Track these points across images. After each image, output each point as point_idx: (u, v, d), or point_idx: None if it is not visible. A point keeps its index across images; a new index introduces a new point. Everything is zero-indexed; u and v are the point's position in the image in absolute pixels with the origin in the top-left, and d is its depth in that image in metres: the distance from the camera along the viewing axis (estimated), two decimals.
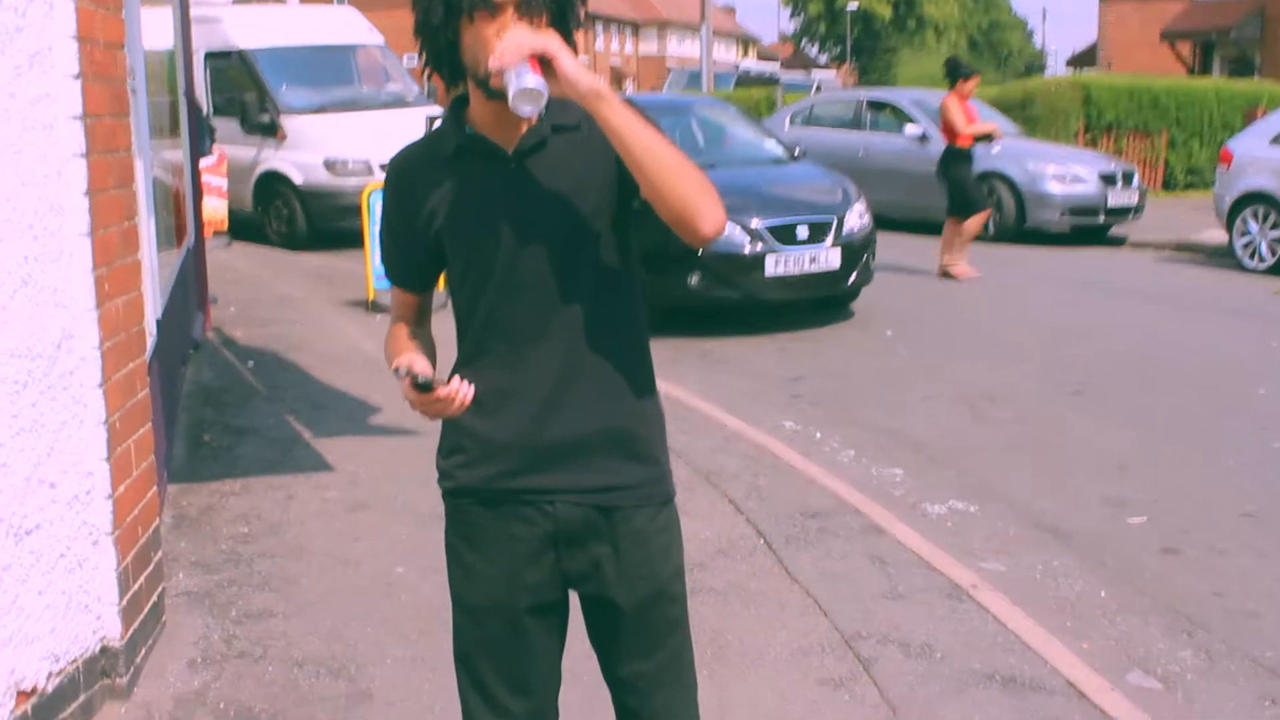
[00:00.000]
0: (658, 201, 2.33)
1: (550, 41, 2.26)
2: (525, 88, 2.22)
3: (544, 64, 2.25)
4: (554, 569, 2.53)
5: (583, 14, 2.46)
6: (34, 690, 3.64)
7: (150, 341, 4.88)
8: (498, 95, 2.31)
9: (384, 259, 2.67)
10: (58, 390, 3.73)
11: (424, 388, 2.32)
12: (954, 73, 13.23)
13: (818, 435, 7.46)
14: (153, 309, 5.47)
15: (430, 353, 2.58)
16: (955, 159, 13.07)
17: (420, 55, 2.43)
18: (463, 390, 2.35)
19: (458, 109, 2.48)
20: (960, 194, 13.03)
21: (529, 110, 2.25)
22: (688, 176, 2.32)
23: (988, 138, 13.49)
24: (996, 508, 6.22)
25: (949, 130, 13.01)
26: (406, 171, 2.53)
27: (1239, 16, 28.61)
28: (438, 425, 2.56)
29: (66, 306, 3.77)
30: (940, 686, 4.27)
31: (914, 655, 4.49)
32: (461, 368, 2.50)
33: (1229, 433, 7.55)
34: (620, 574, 2.53)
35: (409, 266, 2.61)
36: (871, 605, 4.91)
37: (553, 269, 2.44)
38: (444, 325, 2.61)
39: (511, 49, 2.24)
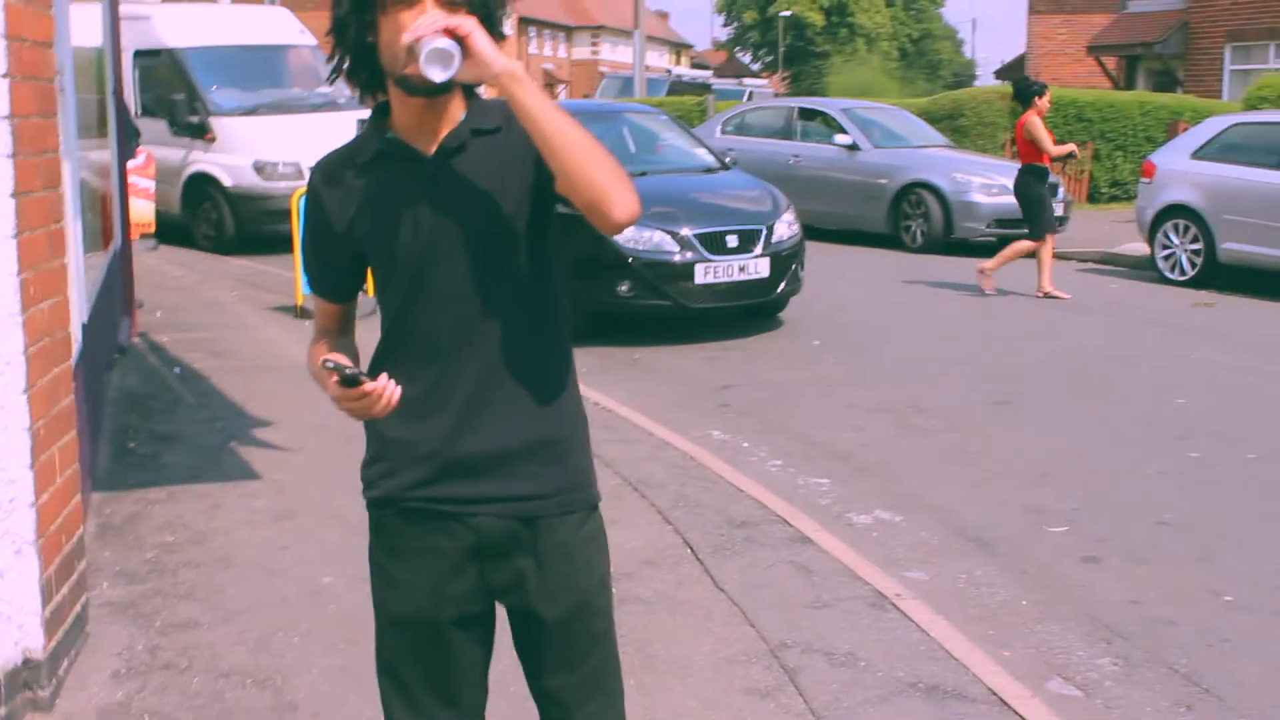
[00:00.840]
0: (570, 187, 2.31)
1: (465, 20, 2.25)
2: (435, 47, 2.21)
3: (459, 44, 2.24)
4: (478, 581, 2.51)
5: (508, 8, 2.46)
6: None
7: (76, 347, 4.84)
8: (417, 90, 2.32)
9: (306, 267, 2.64)
10: None
11: (350, 381, 2.29)
12: (1026, 91, 13.07)
13: (745, 445, 7.51)
14: (79, 313, 5.42)
15: (354, 361, 2.55)
16: (1036, 178, 12.92)
17: (334, 58, 2.41)
18: (390, 388, 2.31)
19: (378, 116, 2.47)
20: (1038, 213, 12.88)
21: (440, 74, 2.23)
22: (600, 161, 2.30)
23: (1069, 156, 13.42)
24: (921, 517, 6.29)
25: (1030, 149, 12.83)
26: (327, 178, 2.50)
27: (1164, 31, 29.04)
28: (365, 435, 2.55)
29: None
30: (864, 695, 4.32)
31: (839, 664, 4.54)
32: (377, 366, 2.47)
33: (1149, 442, 7.68)
34: (543, 587, 2.50)
35: (331, 275, 2.59)
36: (797, 615, 4.96)
37: (473, 274, 2.42)
38: (371, 334, 2.60)
39: (426, 22, 2.25)
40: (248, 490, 6.15)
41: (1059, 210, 16.37)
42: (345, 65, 2.42)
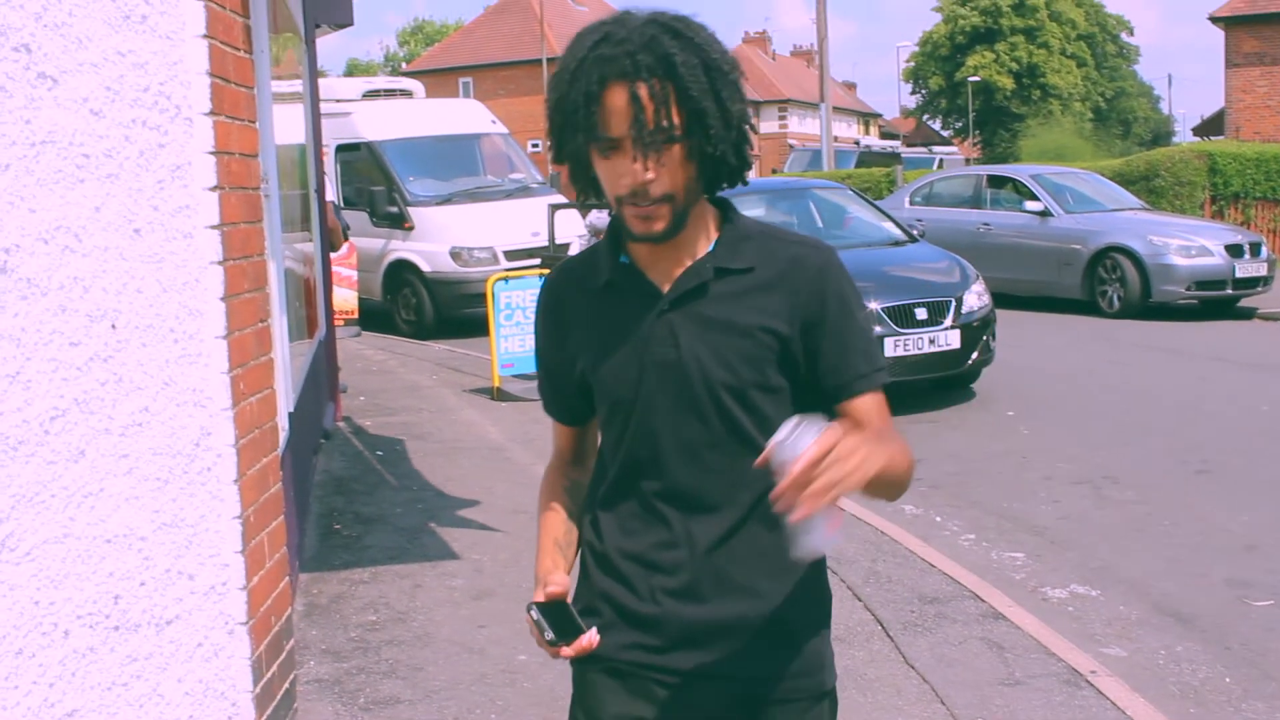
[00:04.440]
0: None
1: (866, 471, 1.86)
2: (815, 549, 1.92)
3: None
4: None
5: (747, 115, 2.13)
6: None
7: (283, 435, 5.08)
8: (638, 239, 2.16)
9: (540, 388, 2.47)
10: (196, 486, 3.92)
11: (552, 643, 2.14)
12: None
13: (938, 519, 7.47)
14: (285, 403, 5.68)
15: (581, 507, 2.38)
16: None
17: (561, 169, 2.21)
18: (594, 641, 2.16)
19: (616, 228, 2.24)
20: None
21: (804, 557, 1.97)
22: (907, 469, 2.13)
23: None
24: (1118, 591, 6.18)
25: None
26: (554, 298, 2.35)
27: None
28: (576, 581, 2.40)
29: (204, 406, 3.96)
30: None
31: None
32: (600, 510, 2.31)
33: None
34: None
35: (561, 399, 2.41)
36: (989, 692, 4.91)
37: (703, 425, 2.18)
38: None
39: (818, 492, 1.81)
40: (447, 570, 6.34)
41: (1262, 270, 15.93)
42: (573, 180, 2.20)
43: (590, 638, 2.18)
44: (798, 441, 1.84)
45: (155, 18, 3.74)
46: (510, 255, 15.30)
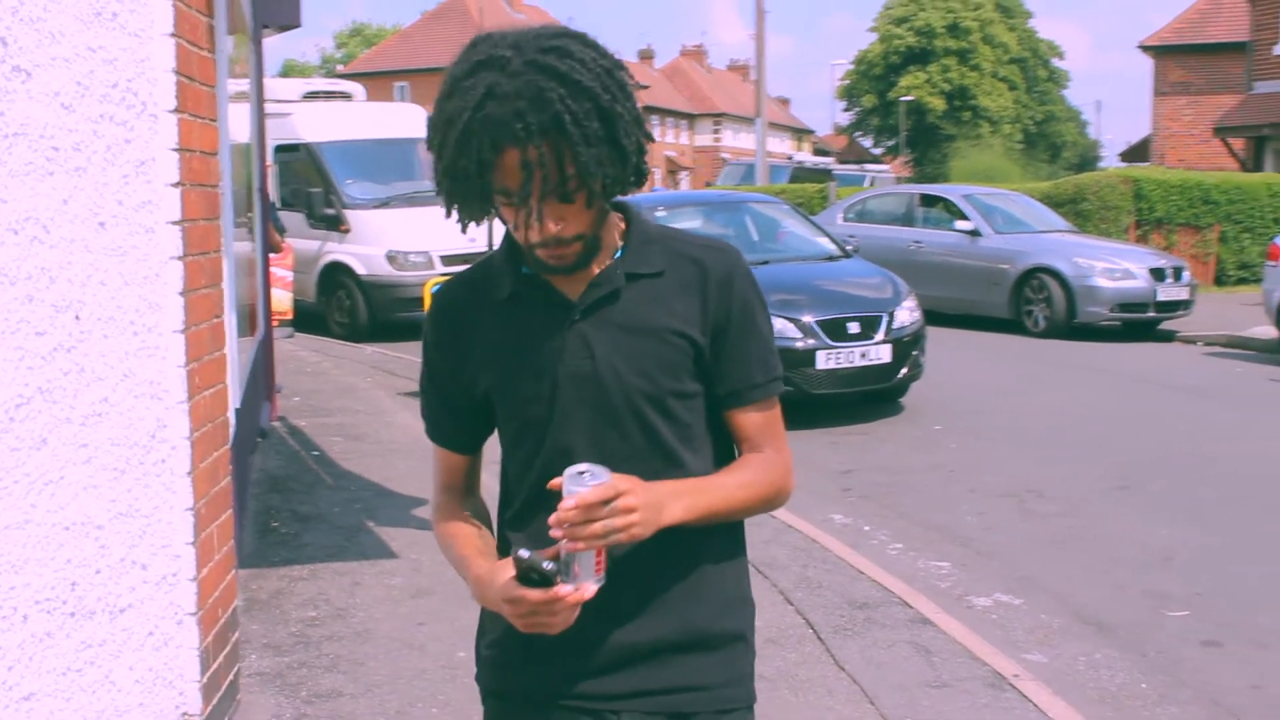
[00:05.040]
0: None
1: (635, 533, 1.94)
2: (581, 581, 1.94)
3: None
4: None
5: (643, 132, 2.04)
6: None
7: (231, 431, 5.15)
8: (549, 271, 2.08)
9: (426, 413, 2.29)
10: (151, 477, 3.99)
11: (545, 581, 1.91)
12: None
13: (866, 528, 7.64)
14: (234, 399, 5.75)
15: (489, 533, 2.27)
16: None
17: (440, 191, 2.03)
18: (589, 590, 1.95)
19: (512, 239, 2.12)
20: None
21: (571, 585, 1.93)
22: (759, 501, 2.15)
23: None
24: (1040, 600, 6.37)
25: None
26: (452, 315, 2.20)
27: None
28: (480, 610, 2.29)
29: (160, 398, 4.04)
30: None
31: None
32: (510, 533, 2.21)
33: (1274, 528, 7.66)
34: None
35: (456, 424, 2.25)
36: (916, 693, 5.07)
37: (621, 438, 2.10)
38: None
39: (585, 534, 1.90)
40: (385, 569, 6.42)
41: (1184, 294, 16.31)
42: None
43: (588, 588, 1.95)
44: (584, 484, 1.90)
45: (125, 15, 3.82)
46: (446, 260, 15.36)
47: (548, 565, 1.90)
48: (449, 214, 2.04)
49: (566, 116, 1.90)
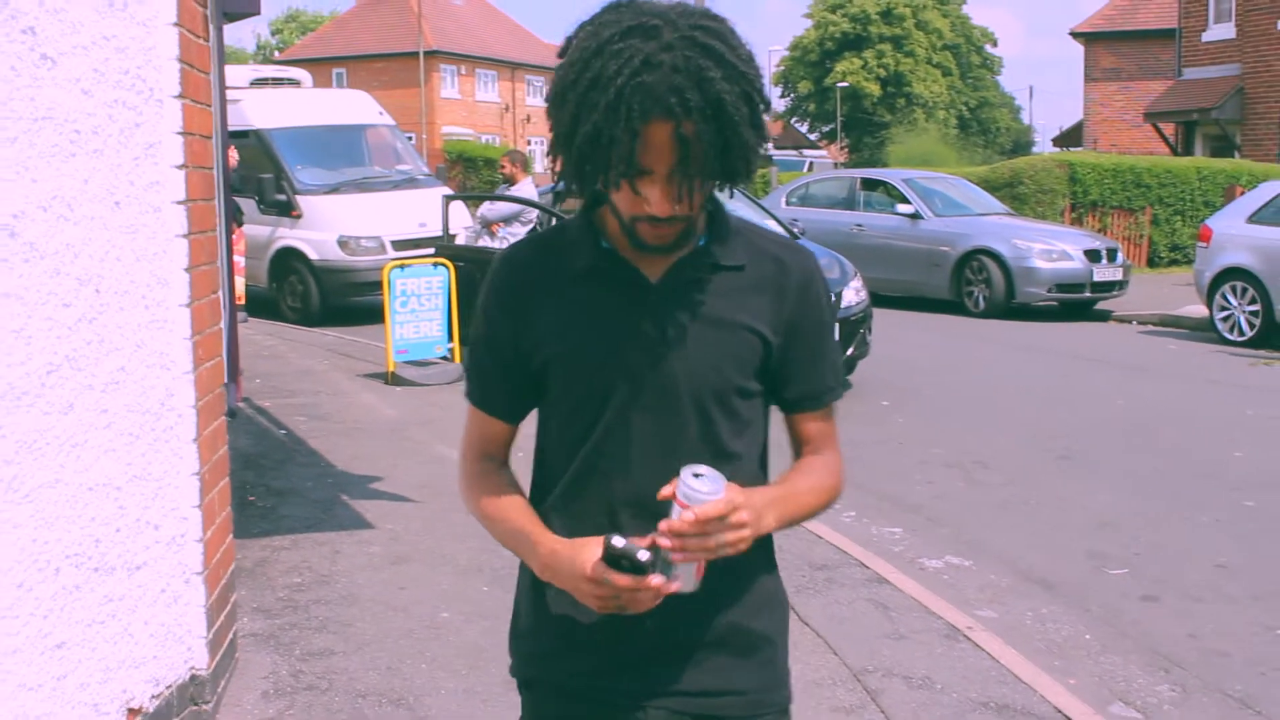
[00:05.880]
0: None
1: (745, 545, 1.94)
2: (681, 587, 1.95)
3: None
4: None
5: (763, 145, 2.03)
6: (139, 710, 4.10)
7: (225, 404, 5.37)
8: (648, 251, 2.05)
9: (475, 375, 2.22)
10: (161, 443, 4.22)
11: (638, 570, 1.91)
12: None
13: None
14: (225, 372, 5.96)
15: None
16: None
17: (554, 160, 2.02)
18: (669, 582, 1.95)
19: (590, 212, 2.11)
20: None
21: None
22: (824, 505, 2.22)
23: None
24: (989, 562, 6.70)
25: None
26: (520, 280, 2.14)
27: (1220, 97, 29.40)
28: (515, 602, 2.25)
29: (169, 369, 4.26)
30: (941, 713, 4.74)
31: (916, 687, 4.97)
32: (552, 516, 2.13)
33: (1206, 492, 8.05)
34: None
35: (506, 390, 2.19)
36: (876, 644, 5.38)
37: (678, 427, 2.07)
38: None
39: (704, 548, 1.91)
40: (363, 538, 6.65)
41: (1118, 275, 16.78)
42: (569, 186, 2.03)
43: (682, 588, 1.97)
44: (701, 491, 1.89)
45: (135, 6, 4.04)
46: (398, 245, 15.52)
47: (643, 555, 1.89)
48: (560, 181, 2.02)
49: (727, 98, 1.89)
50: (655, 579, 1.90)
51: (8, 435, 3.38)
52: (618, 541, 1.90)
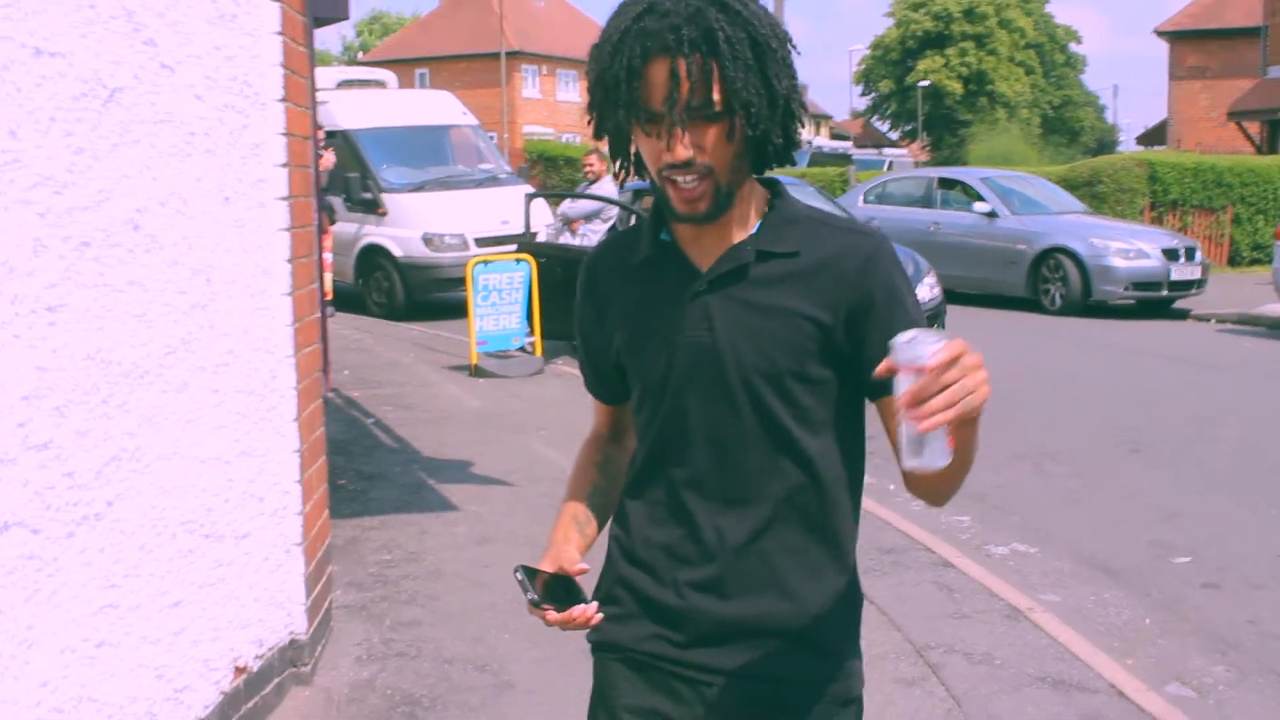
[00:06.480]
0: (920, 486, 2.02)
1: (986, 390, 1.73)
2: (933, 463, 1.73)
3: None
4: None
5: (796, 93, 2.03)
6: (244, 669, 4.42)
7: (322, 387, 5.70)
8: (681, 218, 2.06)
9: (581, 363, 2.38)
10: (265, 422, 4.53)
11: (534, 604, 2.04)
12: None
13: (891, 487, 8.12)
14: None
15: (612, 483, 2.32)
16: None
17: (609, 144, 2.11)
18: (588, 616, 2.04)
19: (660, 205, 2.12)
20: None
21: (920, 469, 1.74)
22: (970, 464, 1.93)
23: None
24: (1054, 549, 6.89)
25: None
26: (592, 276, 2.26)
27: None
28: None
29: (272, 353, 4.58)
30: (999, 685, 4.96)
31: (976, 662, 5.18)
32: (627, 498, 2.24)
33: (1274, 486, 8.17)
34: None
35: (599, 377, 2.33)
36: (939, 623, 5.60)
37: (734, 414, 2.07)
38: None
39: (948, 400, 1.69)
40: (449, 519, 6.96)
41: (1196, 274, 16.78)
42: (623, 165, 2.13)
43: (584, 611, 2.03)
44: (922, 345, 1.72)
45: (243, 17, 4.36)
46: (480, 242, 15.89)
47: (531, 596, 2.03)
48: (598, 135, 2.08)
49: (720, 34, 1.91)
50: (550, 615, 2.02)
51: (132, 410, 3.70)
52: (518, 574, 2.07)
